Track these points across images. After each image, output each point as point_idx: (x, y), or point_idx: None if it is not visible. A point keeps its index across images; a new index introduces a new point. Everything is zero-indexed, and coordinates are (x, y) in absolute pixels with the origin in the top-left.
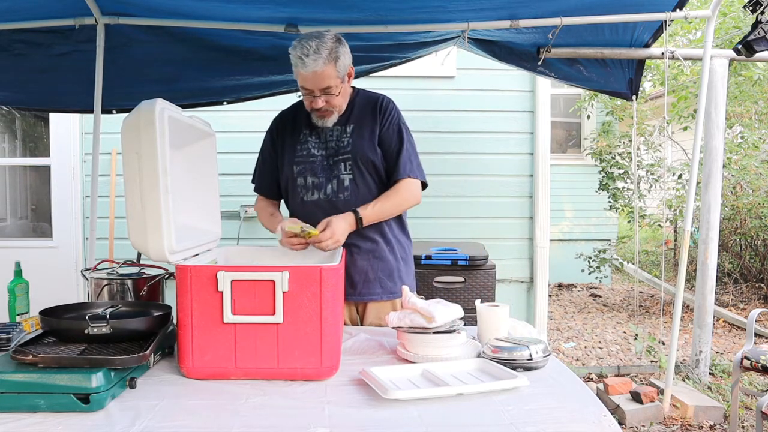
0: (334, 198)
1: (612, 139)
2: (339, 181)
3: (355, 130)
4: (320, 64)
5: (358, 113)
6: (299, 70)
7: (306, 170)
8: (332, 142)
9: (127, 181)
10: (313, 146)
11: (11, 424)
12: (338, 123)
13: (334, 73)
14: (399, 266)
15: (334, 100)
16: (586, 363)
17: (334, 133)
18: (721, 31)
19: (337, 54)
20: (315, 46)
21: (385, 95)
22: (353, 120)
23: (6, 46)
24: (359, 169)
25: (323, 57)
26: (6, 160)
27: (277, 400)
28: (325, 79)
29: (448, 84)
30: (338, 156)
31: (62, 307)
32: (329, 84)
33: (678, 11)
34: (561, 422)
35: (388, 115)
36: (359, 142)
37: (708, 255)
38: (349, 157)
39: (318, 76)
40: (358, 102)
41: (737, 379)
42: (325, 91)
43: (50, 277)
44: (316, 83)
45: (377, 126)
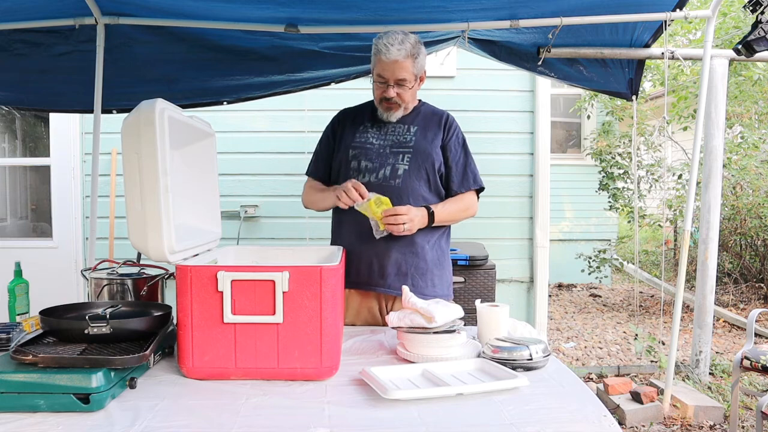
0: (385, 182)
1: (612, 139)
2: (393, 169)
3: (420, 131)
4: (402, 55)
5: (423, 119)
6: (381, 57)
7: (361, 155)
8: (393, 136)
9: (127, 181)
10: (373, 136)
11: (11, 424)
12: (402, 122)
13: (411, 68)
14: (434, 269)
15: (405, 94)
16: (586, 363)
17: (396, 129)
18: (721, 31)
19: (417, 51)
20: (401, 39)
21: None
22: (418, 123)
23: (6, 46)
24: (416, 163)
25: (406, 49)
26: (6, 160)
27: (277, 400)
28: (403, 70)
29: (448, 84)
30: (399, 147)
31: (62, 307)
32: (404, 76)
33: (678, 11)
34: (561, 422)
35: (453, 129)
36: (422, 141)
37: (708, 255)
38: (410, 151)
39: (397, 66)
40: (424, 111)
41: (737, 379)
42: (399, 83)
43: (50, 277)
44: (394, 73)
45: (440, 136)
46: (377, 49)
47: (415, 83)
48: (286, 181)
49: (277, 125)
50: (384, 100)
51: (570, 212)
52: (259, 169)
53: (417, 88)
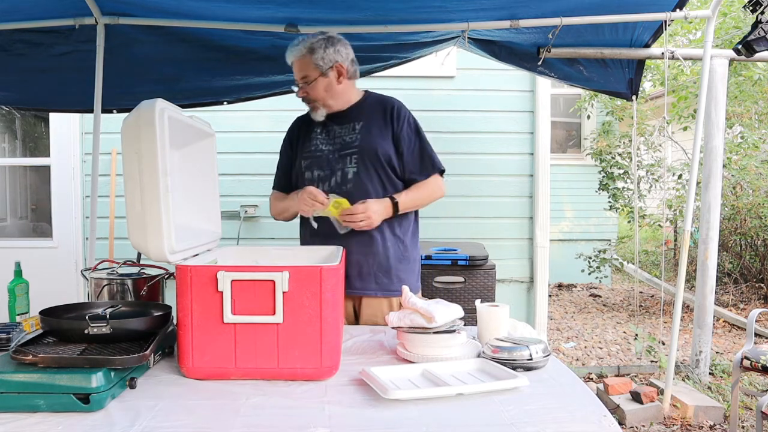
0: (337, 189)
1: (612, 139)
2: (343, 174)
3: (364, 128)
4: (296, 54)
5: (368, 113)
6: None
7: (313, 164)
8: (340, 138)
9: (127, 181)
10: (321, 142)
11: (11, 424)
12: (346, 120)
13: (310, 64)
14: (397, 264)
15: (313, 92)
16: (586, 363)
17: (342, 130)
18: (721, 31)
19: (316, 46)
20: (300, 40)
21: (396, 98)
22: (363, 119)
23: (6, 46)
24: (364, 164)
25: (301, 48)
26: (6, 160)
27: (277, 400)
28: (301, 69)
29: (448, 84)
30: (345, 150)
31: (62, 307)
32: (305, 73)
33: (678, 11)
34: (561, 422)
35: (402, 117)
36: (367, 138)
37: (708, 255)
38: (356, 152)
39: (295, 66)
40: (369, 103)
41: (737, 379)
42: (303, 81)
43: (50, 277)
44: (296, 73)
45: (389, 127)
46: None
47: (324, 78)
48: None
49: (277, 125)
50: (303, 101)
51: (570, 212)
52: (259, 169)
53: (335, 81)
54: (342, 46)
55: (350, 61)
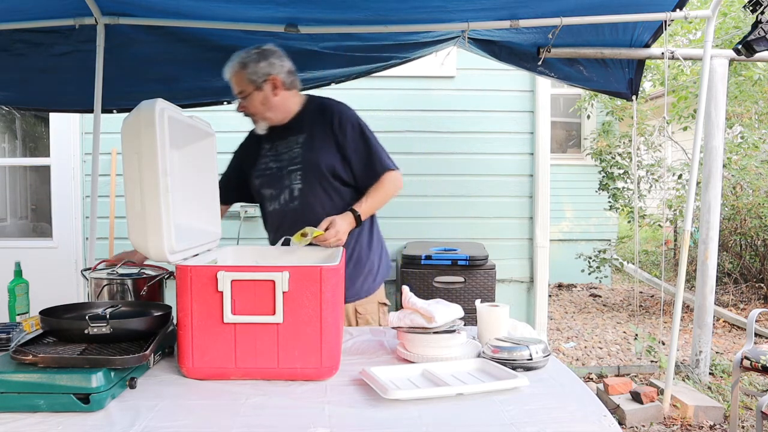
0: (286, 207)
1: (612, 139)
2: (290, 191)
3: (307, 141)
4: (229, 73)
5: (310, 122)
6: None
7: (264, 183)
8: (285, 153)
9: (127, 181)
10: (271, 160)
11: (11, 424)
12: (291, 133)
13: (244, 79)
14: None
15: (250, 106)
16: (586, 363)
17: (287, 144)
18: (721, 31)
19: (248, 60)
20: (234, 55)
21: (336, 102)
22: (305, 129)
23: (6, 46)
24: (309, 180)
25: (233, 64)
26: (6, 160)
27: (277, 400)
28: (237, 84)
29: (448, 84)
30: (290, 167)
31: (62, 307)
32: (240, 89)
33: (678, 11)
34: (561, 422)
35: (344, 124)
36: (309, 152)
37: (708, 255)
38: (299, 168)
39: (232, 82)
40: (309, 111)
41: (737, 379)
42: (241, 95)
43: (50, 277)
44: (233, 88)
45: (331, 136)
46: None
47: (260, 92)
48: None
49: None
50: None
51: (570, 212)
52: None
53: (271, 93)
54: (276, 58)
55: (286, 73)
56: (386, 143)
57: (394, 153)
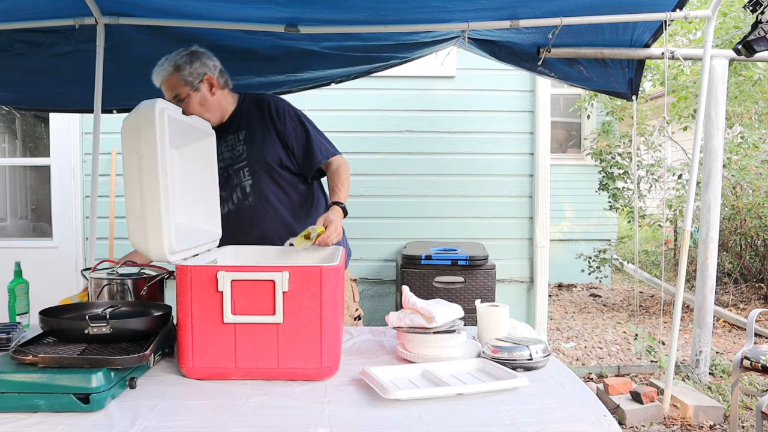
0: (241, 206)
1: (612, 139)
2: (241, 189)
3: (248, 136)
4: (162, 77)
5: (248, 118)
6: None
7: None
8: (229, 152)
9: (127, 181)
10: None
11: (11, 424)
12: (230, 132)
13: (179, 82)
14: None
15: (188, 109)
16: (586, 363)
17: (228, 143)
18: (721, 31)
19: (180, 62)
20: (160, 63)
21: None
22: (244, 126)
23: (6, 46)
24: (257, 174)
25: (165, 68)
26: (6, 160)
27: (277, 400)
28: (172, 87)
29: (448, 84)
30: (236, 164)
31: (62, 307)
32: (177, 92)
33: (678, 11)
34: (561, 422)
35: (282, 113)
36: (252, 146)
37: (708, 255)
38: (246, 164)
39: (165, 87)
40: (245, 107)
41: (737, 379)
42: (176, 100)
43: (50, 277)
44: (167, 93)
45: (272, 127)
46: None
47: (197, 93)
48: None
49: None
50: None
51: (570, 212)
52: None
53: (208, 93)
54: (207, 58)
55: (219, 72)
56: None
57: (394, 153)
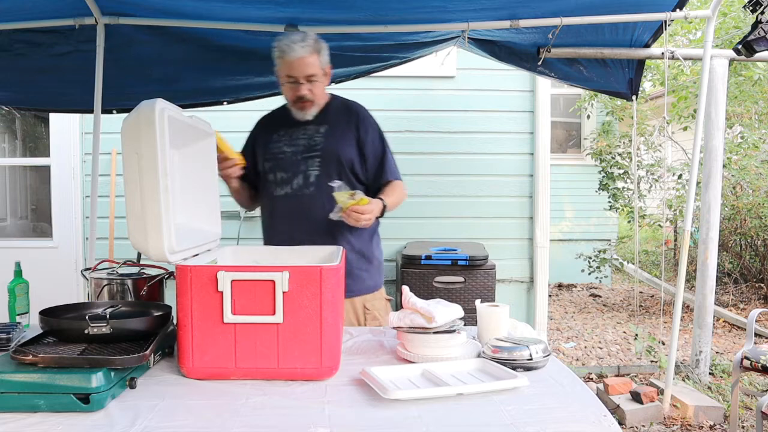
0: (299, 192)
1: (612, 139)
2: (305, 176)
3: (329, 131)
4: (307, 51)
5: (333, 117)
6: (286, 57)
7: (276, 167)
8: (303, 140)
9: (127, 181)
10: (285, 144)
11: (11, 424)
12: (311, 123)
13: (317, 63)
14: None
15: (315, 89)
16: (586, 363)
17: (306, 132)
18: (721, 31)
19: (320, 46)
20: (302, 37)
21: (361, 105)
22: (327, 122)
23: (6, 46)
24: (327, 167)
25: (309, 45)
26: (6, 160)
27: (277, 400)
28: (310, 66)
29: (448, 84)
30: (308, 153)
31: (62, 307)
32: (313, 72)
33: (678, 11)
34: (561, 422)
35: (368, 122)
36: (330, 141)
37: (708, 255)
38: (319, 155)
39: (304, 63)
40: (334, 106)
41: (737, 379)
42: (309, 79)
43: (50, 277)
44: (302, 70)
45: (353, 132)
46: (281, 51)
47: (324, 78)
48: None
49: None
50: (298, 100)
51: (570, 212)
52: None
53: (326, 83)
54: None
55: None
56: None
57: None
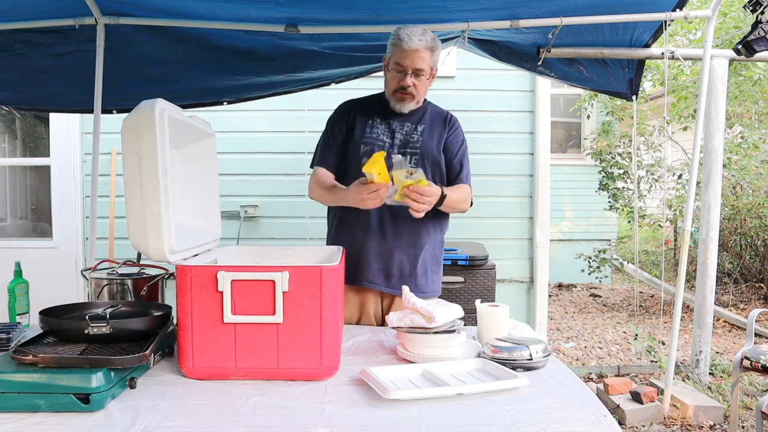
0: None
1: (612, 139)
2: None
3: (426, 131)
4: (423, 45)
5: (430, 119)
6: (402, 45)
7: (373, 151)
8: (401, 135)
9: (127, 181)
10: (382, 133)
11: (11, 424)
12: (410, 121)
13: (429, 60)
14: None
15: (420, 85)
16: (586, 363)
17: (404, 128)
18: (721, 31)
19: (436, 45)
20: (422, 31)
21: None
22: (425, 122)
23: (6, 46)
24: (423, 165)
25: (426, 40)
26: (6, 160)
27: (277, 400)
28: (422, 60)
29: (448, 84)
30: (406, 148)
31: (62, 307)
32: (423, 66)
33: (678, 11)
34: (561, 422)
35: (455, 127)
36: (429, 141)
37: (708, 255)
38: (417, 152)
39: (417, 56)
40: (431, 110)
41: (737, 379)
42: (417, 73)
43: (50, 277)
44: (414, 62)
45: (444, 134)
46: (398, 38)
47: (429, 77)
48: (286, 181)
49: (277, 125)
50: (399, 90)
51: (570, 212)
52: (259, 169)
53: (429, 83)
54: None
55: None
56: None
57: None
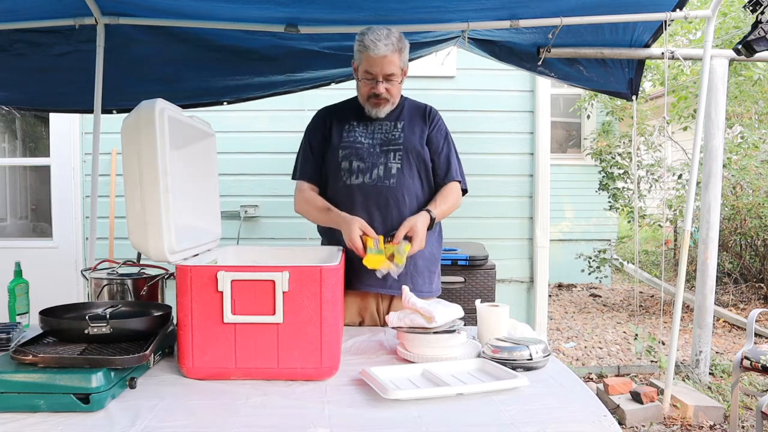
0: (380, 183)
1: (612, 139)
2: (386, 168)
3: (407, 126)
4: (390, 50)
5: (409, 114)
6: (369, 53)
7: (352, 155)
8: (381, 134)
9: (127, 181)
10: (360, 135)
11: (11, 424)
12: (388, 119)
13: (398, 62)
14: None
15: (393, 89)
16: (586, 363)
17: (383, 126)
18: (721, 31)
19: (402, 45)
20: (386, 34)
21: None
22: (404, 118)
23: (6, 46)
24: (408, 161)
25: (392, 44)
26: (6, 160)
27: (277, 400)
28: (391, 65)
29: (448, 84)
30: (389, 146)
31: (62, 307)
32: (393, 71)
33: (678, 11)
34: (561, 422)
35: (435, 121)
36: (411, 136)
37: (708, 255)
38: (401, 148)
39: (386, 61)
40: (408, 105)
41: (737, 379)
42: (388, 78)
43: (50, 277)
44: (383, 68)
45: (426, 128)
46: (364, 46)
47: (402, 77)
48: (286, 181)
49: (277, 125)
50: (373, 97)
51: (570, 212)
52: (259, 169)
53: (402, 82)
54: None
55: None
56: None
57: None
